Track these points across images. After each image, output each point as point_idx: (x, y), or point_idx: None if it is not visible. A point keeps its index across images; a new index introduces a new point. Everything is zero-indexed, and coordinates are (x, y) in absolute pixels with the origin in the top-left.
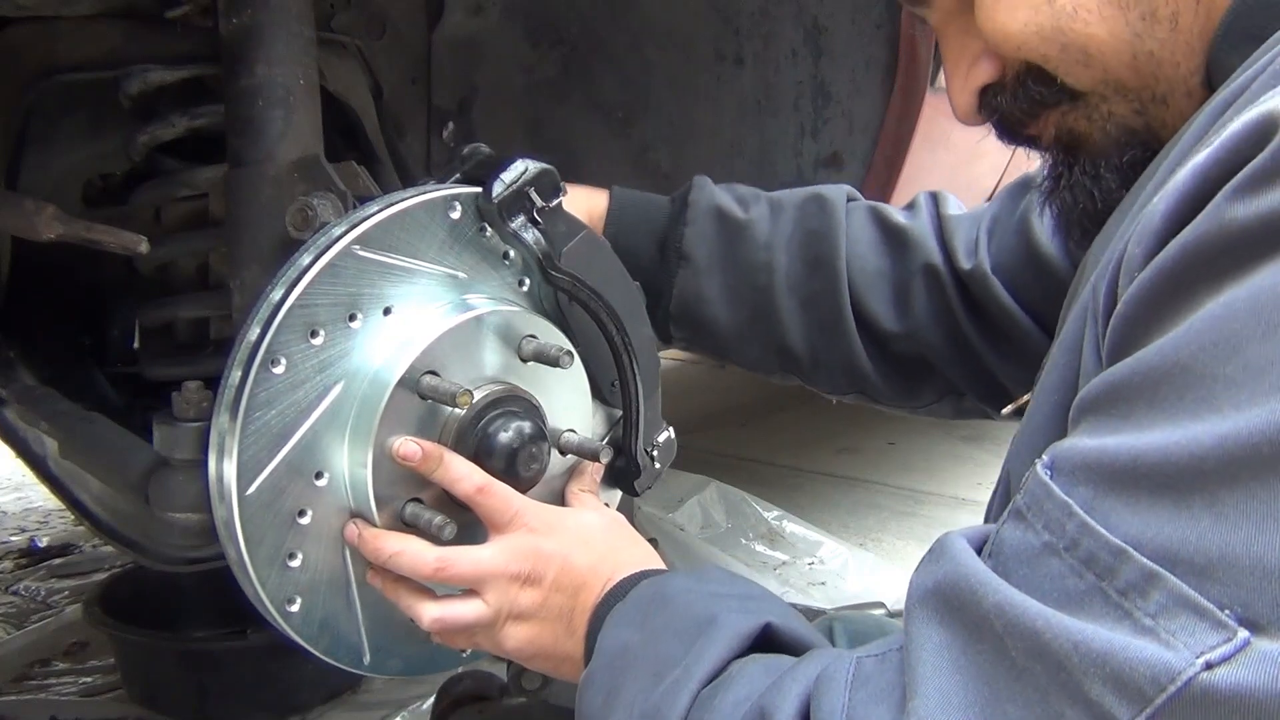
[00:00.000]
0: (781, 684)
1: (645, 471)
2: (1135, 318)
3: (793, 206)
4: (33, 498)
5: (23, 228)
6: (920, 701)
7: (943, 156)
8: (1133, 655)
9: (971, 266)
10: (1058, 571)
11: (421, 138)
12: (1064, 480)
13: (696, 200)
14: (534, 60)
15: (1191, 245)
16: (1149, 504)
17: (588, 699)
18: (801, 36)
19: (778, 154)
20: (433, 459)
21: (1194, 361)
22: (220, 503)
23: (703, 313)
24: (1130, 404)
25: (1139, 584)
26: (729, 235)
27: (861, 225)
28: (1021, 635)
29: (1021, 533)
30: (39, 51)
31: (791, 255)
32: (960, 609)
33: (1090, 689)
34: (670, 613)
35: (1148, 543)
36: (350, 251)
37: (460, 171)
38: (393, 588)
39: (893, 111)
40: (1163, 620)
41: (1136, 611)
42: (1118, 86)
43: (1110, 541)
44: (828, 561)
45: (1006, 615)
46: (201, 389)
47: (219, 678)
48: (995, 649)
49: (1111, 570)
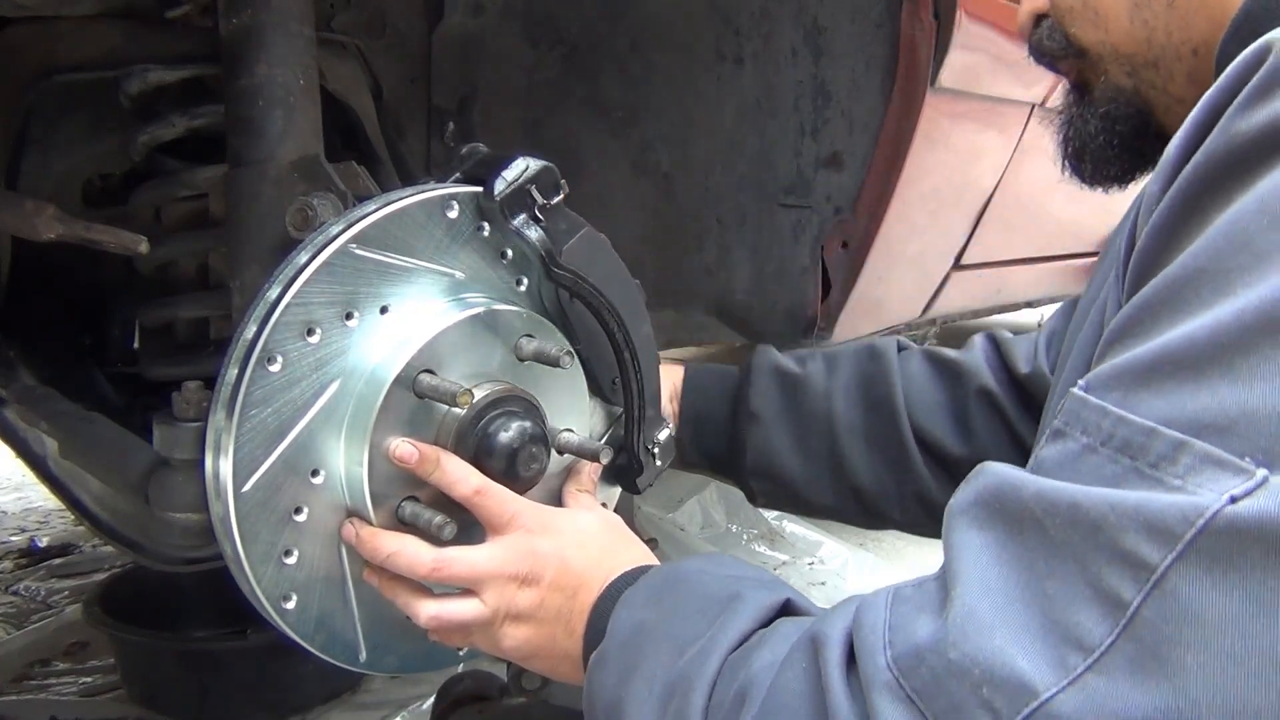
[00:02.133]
0: (828, 618)
1: (646, 469)
2: (1155, 247)
3: (847, 358)
4: (33, 498)
5: (23, 228)
6: (961, 589)
7: (943, 156)
8: (1164, 503)
9: (1030, 370)
10: (1096, 464)
11: (421, 138)
12: (1098, 391)
13: (757, 363)
14: (534, 60)
15: (1202, 165)
16: (1174, 386)
17: (599, 679)
18: (801, 36)
19: (778, 154)
20: (429, 461)
21: (1209, 263)
22: (217, 500)
23: (776, 465)
24: (1155, 317)
25: (1168, 454)
26: (789, 390)
27: (916, 365)
28: (1060, 510)
29: (1061, 445)
30: (39, 51)
31: (850, 400)
32: (1000, 509)
33: (1125, 541)
34: (688, 591)
35: (1175, 418)
36: (347, 250)
37: (460, 171)
38: (390, 586)
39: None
40: (1190, 478)
41: (1167, 477)
42: (1114, 50)
43: (1141, 424)
44: (828, 561)
45: (1046, 497)
46: (201, 389)
47: (219, 678)
48: (1035, 533)
49: (1144, 448)
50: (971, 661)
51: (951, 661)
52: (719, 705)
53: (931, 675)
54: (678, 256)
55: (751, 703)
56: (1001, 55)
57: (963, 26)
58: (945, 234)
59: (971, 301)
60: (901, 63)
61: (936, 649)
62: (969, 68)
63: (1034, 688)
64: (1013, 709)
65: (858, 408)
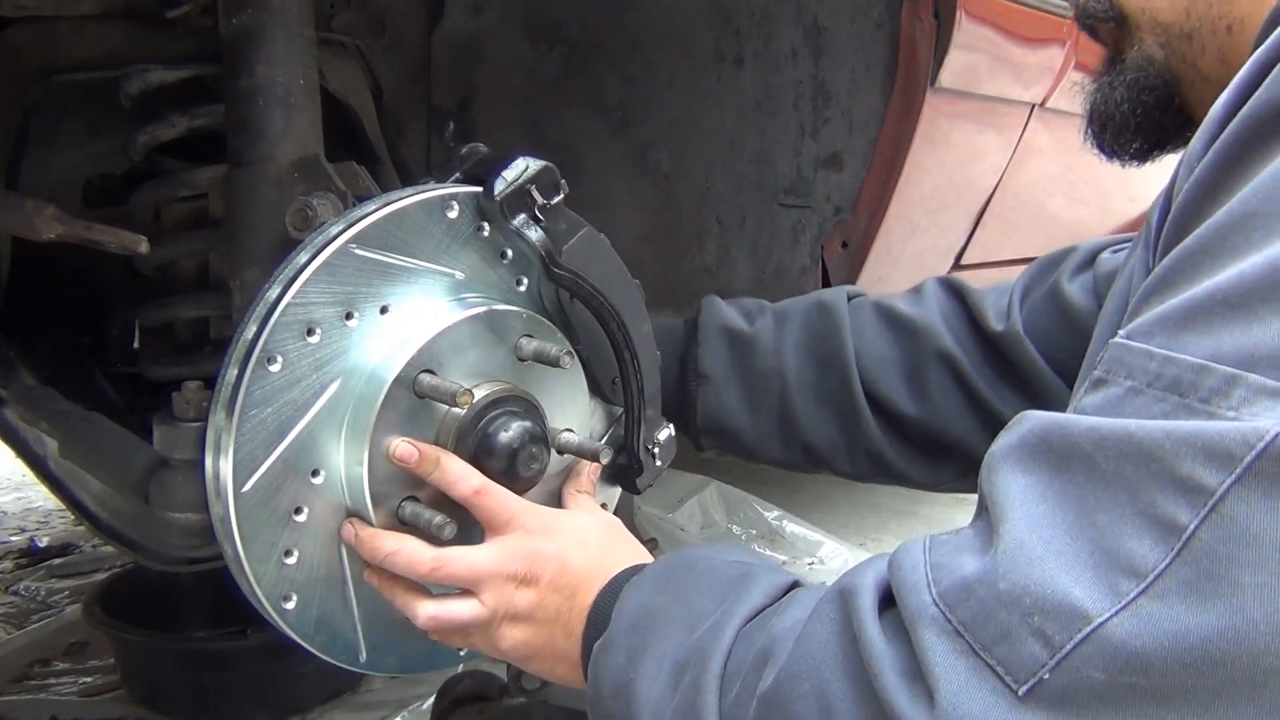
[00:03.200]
0: (857, 569)
1: (646, 469)
2: (1198, 200)
3: (797, 313)
4: (33, 498)
5: (23, 228)
6: (1009, 525)
7: (943, 156)
8: (1222, 429)
9: (1003, 328)
10: (1143, 405)
11: (421, 138)
12: (1142, 337)
13: (705, 322)
14: (534, 60)
15: (1250, 118)
16: (1223, 323)
17: (606, 662)
18: (801, 36)
19: (778, 154)
20: (429, 461)
21: (1259, 207)
22: (217, 500)
23: (726, 423)
24: (1198, 264)
25: (1221, 388)
26: (738, 349)
27: (867, 319)
28: (1113, 442)
29: (1104, 392)
30: (39, 51)
31: (800, 358)
32: (1047, 449)
33: (1181, 467)
34: (697, 574)
35: (1227, 354)
36: (347, 250)
37: (459, 171)
38: (389, 586)
39: (893, 111)
40: (1245, 409)
41: (1221, 410)
42: (1153, 18)
43: (1191, 362)
44: (828, 561)
45: (1098, 430)
46: (201, 389)
47: (219, 678)
48: (1084, 469)
49: (1195, 385)
50: (1022, 590)
51: (1001, 591)
52: (736, 671)
53: (980, 606)
54: (678, 256)
55: (775, 661)
56: (1001, 55)
57: (963, 26)
58: (945, 234)
59: None
60: (901, 63)
61: (986, 580)
62: (969, 68)
63: (1087, 613)
64: (1066, 635)
65: (808, 365)
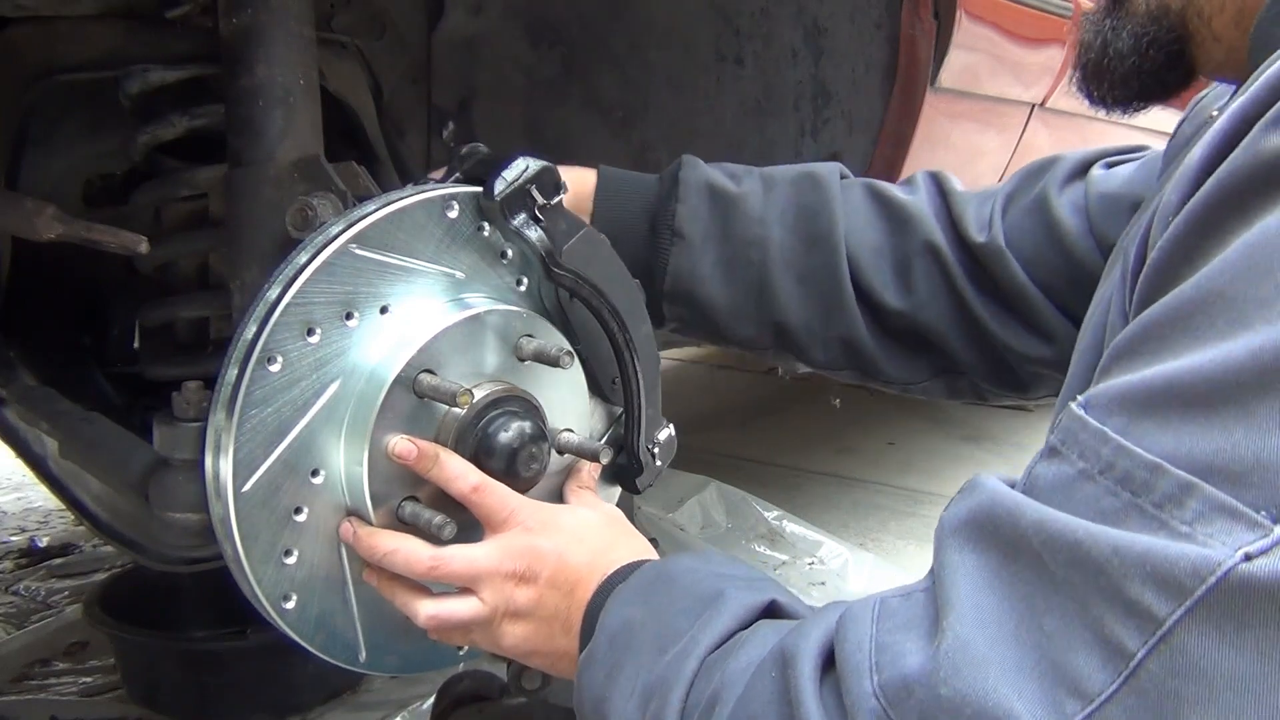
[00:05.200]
0: (802, 628)
1: (646, 469)
2: (1169, 261)
3: (786, 183)
4: (33, 498)
5: (23, 228)
6: (955, 618)
7: (943, 156)
8: (1173, 553)
9: (985, 240)
10: (1093, 494)
11: (421, 138)
12: (1098, 412)
13: (688, 178)
14: (534, 60)
15: (1226, 180)
16: (1181, 420)
17: (588, 677)
18: (801, 36)
19: (778, 154)
20: (428, 458)
21: (1226, 288)
22: (216, 500)
23: (697, 291)
24: (1163, 338)
25: (1175, 495)
26: (722, 211)
27: (858, 201)
28: (1061, 546)
29: (1056, 466)
30: (39, 51)
31: (786, 230)
32: (995, 531)
33: (1130, 589)
34: (675, 590)
35: (1183, 456)
36: (347, 250)
37: (459, 171)
38: (388, 586)
39: (893, 111)
40: (1200, 526)
41: (1173, 520)
42: None
43: (1145, 458)
44: (828, 561)
45: (1046, 529)
46: (201, 389)
47: (219, 678)
48: (1033, 565)
49: (1147, 485)
50: (963, 700)
51: (942, 698)
52: (695, 705)
53: (920, 710)
54: None
55: (723, 708)
56: (1001, 55)
57: (963, 26)
58: None
59: None
60: (901, 63)
61: (927, 682)
62: (969, 68)
63: None
64: None
65: (793, 238)
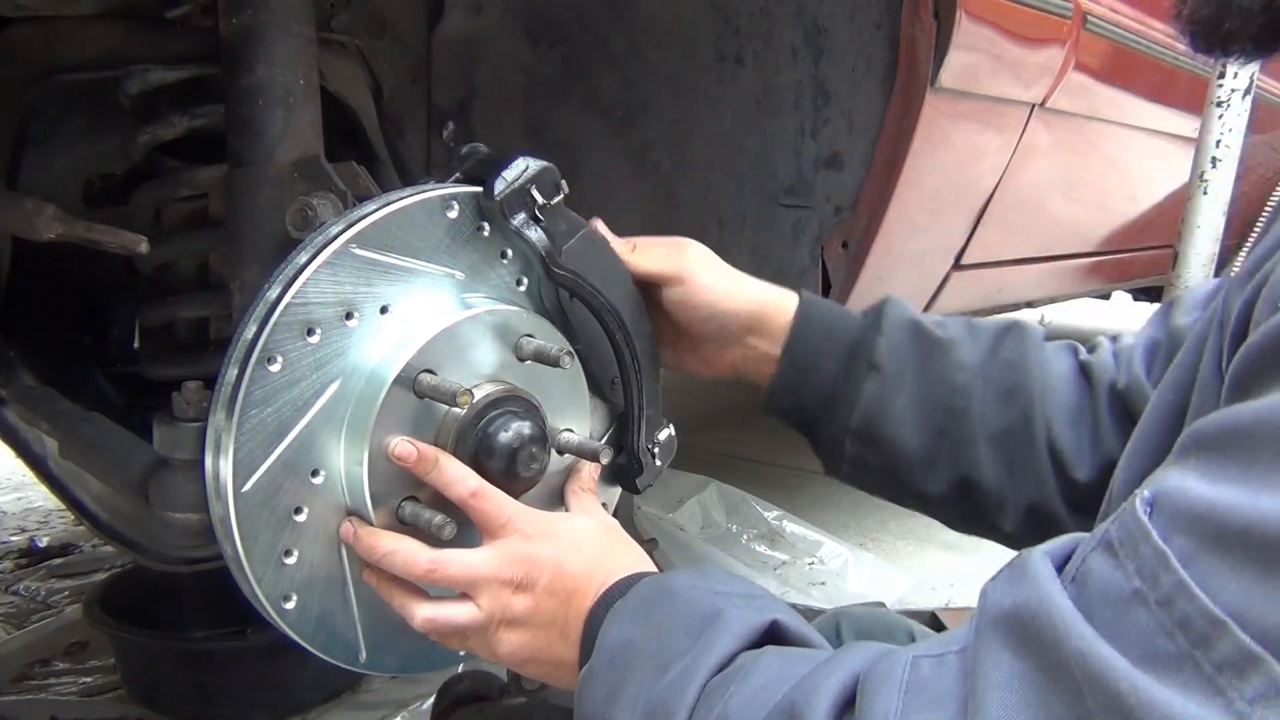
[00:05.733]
0: (814, 678)
1: (646, 469)
2: (1269, 353)
3: (989, 332)
4: (33, 498)
5: (23, 228)
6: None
7: (943, 156)
8: None
9: (1128, 382)
10: (1146, 626)
11: (421, 138)
12: (1163, 524)
13: (891, 313)
14: (534, 60)
15: None
16: (1257, 575)
17: (588, 695)
18: (801, 36)
19: (778, 154)
20: (428, 460)
21: None
22: (217, 500)
23: (887, 430)
24: (1252, 456)
25: (1237, 663)
26: (925, 351)
27: (1057, 357)
28: (1104, 692)
29: (1110, 570)
30: (39, 51)
31: (989, 383)
32: (1039, 644)
33: None
34: (675, 608)
35: (1253, 620)
36: (347, 250)
37: (460, 171)
38: (386, 587)
39: (893, 111)
40: (1259, 709)
41: (1231, 692)
42: None
43: (1209, 610)
44: (828, 561)
45: (1089, 666)
46: (201, 389)
47: (219, 678)
48: (1071, 695)
49: (1207, 640)
50: None
51: None
52: None
53: None
54: None
55: None
56: (1001, 55)
57: (963, 26)
58: (945, 234)
59: (971, 301)
60: (901, 63)
61: None
62: (969, 68)
63: None
64: None
65: (992, 392)
